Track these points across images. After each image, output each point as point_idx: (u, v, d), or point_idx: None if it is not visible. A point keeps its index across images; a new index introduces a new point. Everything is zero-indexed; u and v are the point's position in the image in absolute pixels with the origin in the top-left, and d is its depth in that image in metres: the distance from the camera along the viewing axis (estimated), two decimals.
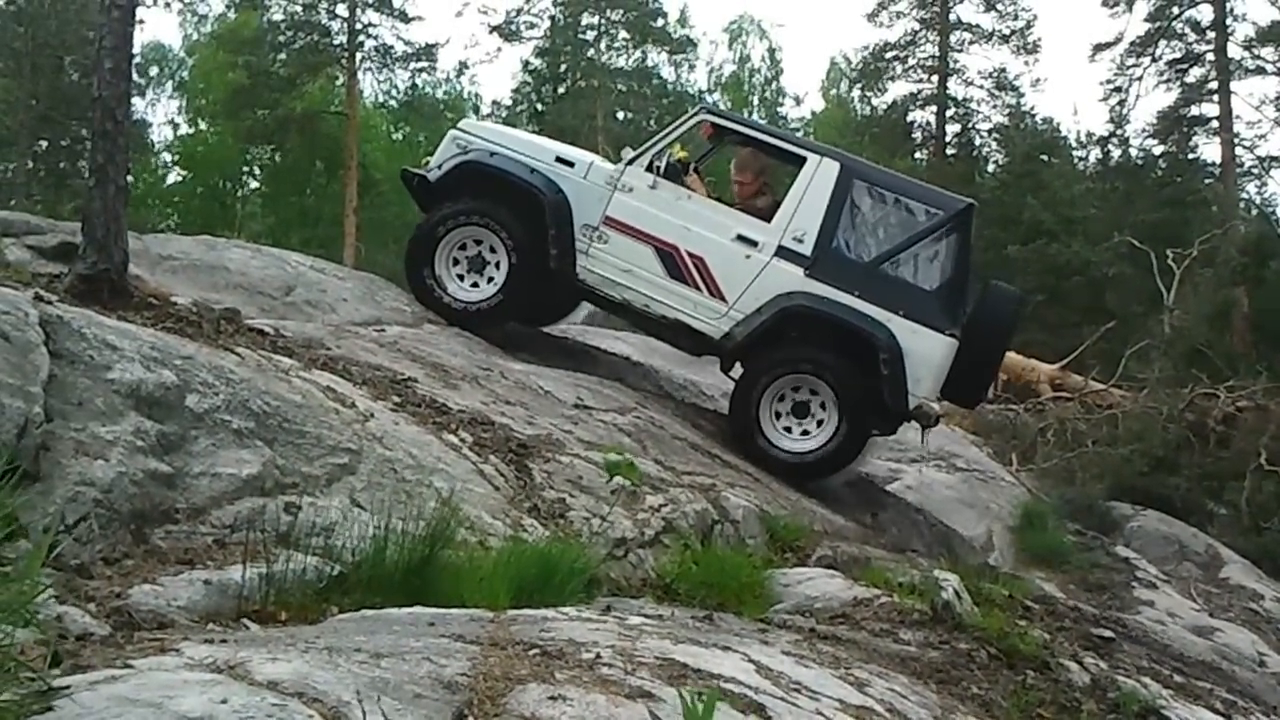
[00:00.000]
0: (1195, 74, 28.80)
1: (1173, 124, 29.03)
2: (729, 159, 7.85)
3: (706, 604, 4.02)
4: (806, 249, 6.57)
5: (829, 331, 6.52)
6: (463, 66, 39.95)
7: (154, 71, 38.64)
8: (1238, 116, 28.21)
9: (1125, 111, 29.46)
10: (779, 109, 40.44)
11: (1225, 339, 20.04)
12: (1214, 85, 28.32)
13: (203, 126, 36.65)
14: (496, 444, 4.64)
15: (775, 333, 6.57)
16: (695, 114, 7.29)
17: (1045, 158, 29.93)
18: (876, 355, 6.38)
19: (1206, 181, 28.68)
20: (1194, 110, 29.02)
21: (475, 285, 6.89)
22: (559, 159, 7.00)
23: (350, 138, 29.80)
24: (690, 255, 6.69)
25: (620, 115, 33.74)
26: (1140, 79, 28.97)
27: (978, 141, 32.34)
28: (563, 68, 34.66)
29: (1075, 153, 31.88)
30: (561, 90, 34.41)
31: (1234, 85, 28.12)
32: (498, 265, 6.84)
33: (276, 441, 3.70)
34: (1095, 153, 31.10)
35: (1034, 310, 17.81)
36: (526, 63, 34.71)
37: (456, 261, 6.89)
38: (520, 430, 4.95)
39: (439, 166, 7.06)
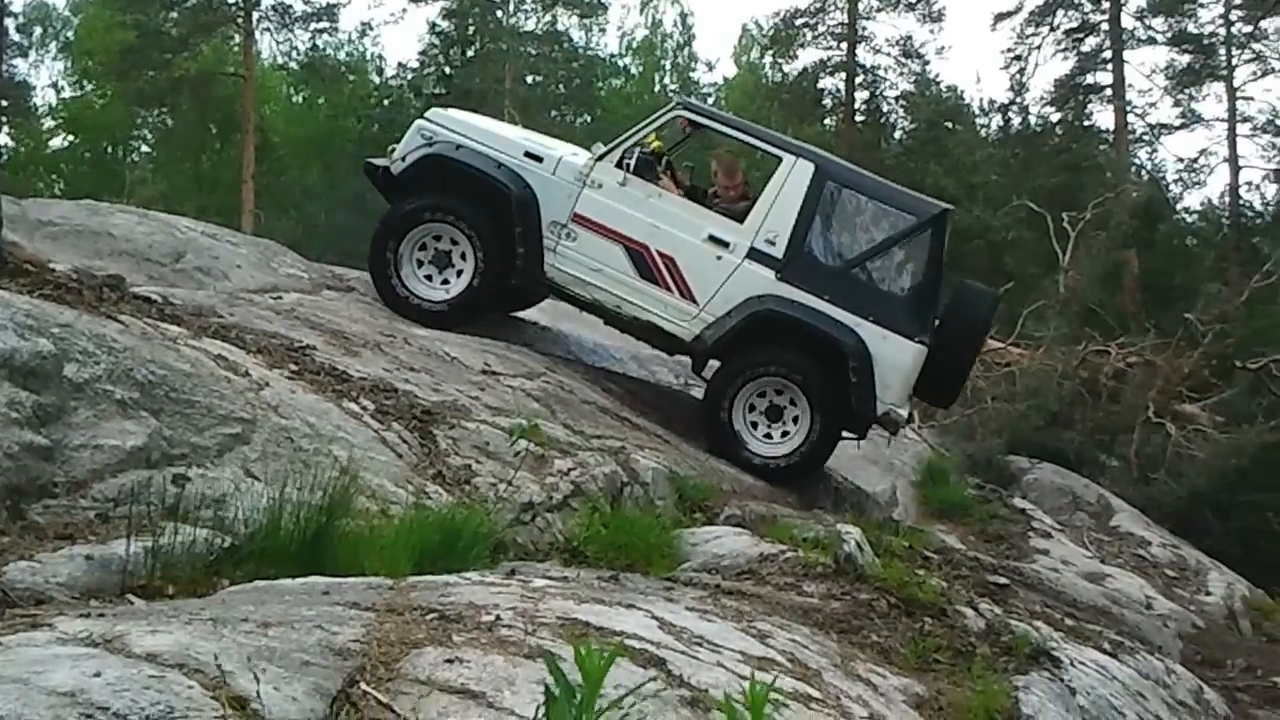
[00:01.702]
0: (1090, 43, 29.54)
1: (1069, 92, 29.74)
2: (703, 148, 7.70)
3: (615, 565, 4.02)
4: (778, 251, 6.47)
5: (799, 336, 6.46)
6: (366, 27, 38.85)
7: (37, 32, 36.88)
8: (1130, 85, 29.07)
9: (1025, 79, 30.10)
10: (691, 75, 40.34)
11: (1116, 298, 20.77)
12: (1108, 54, 29.11)
13: (89, 89, 35.13)
14: (400, 411, 4.56)
15: (746, 336, 6.49)
16: (670, 109, 7.06)
17: (949, 125, 30.45)
18: (845, 361, 6.34)
19: (1100, 147, 29.47)
20: (1089, 78, 29.77)
21: (440, 282, 6.69)
22: (527, 153, 6.79)
23: (247, 100, 28.84)
24: (660, 255, 6.55)
25: (530, 79, 33.32)
26: (1039, 48, 29.59)
27: (885, 108, 32.71)
28: (471, 30, 33.99)
29: (978, 120, 32.48)
30: (470, 53, 33.77)
31: (1127, 54, 28.97)
32: (463, 262, 6.65)
33: (163, 412, 3.58)
34: (996, 120, 31.71)
35: None
36: (433, 24, 33.96)
37: (423, 247, 6.67)
38: (425, 397, 4.87)
39: (403, 159, 6.83)
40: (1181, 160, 30.38)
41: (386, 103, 34.94)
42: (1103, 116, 30.06)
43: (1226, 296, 17.01)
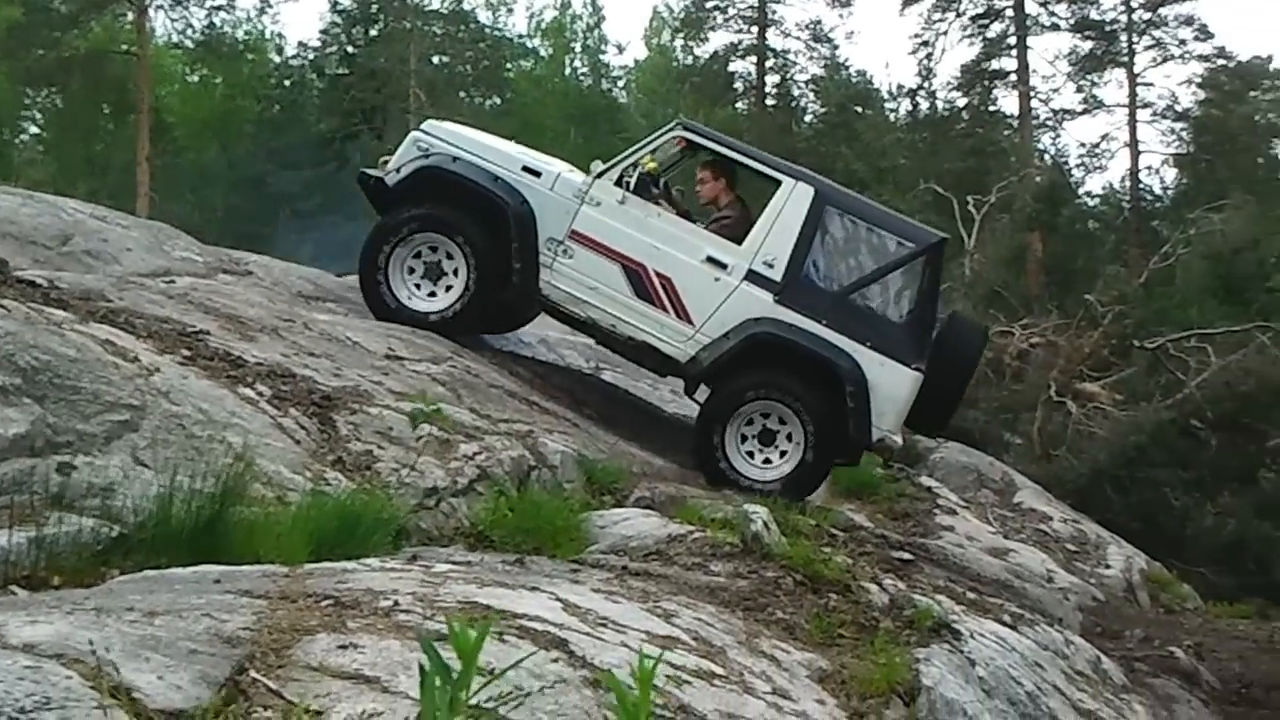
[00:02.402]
0: (996, 29, 30.19)
1: (975, 77, 30.38)
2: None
3: (521, 550, 3.99)
4: (777, 274, 6.41)
5: (796, 360, 6.40)
6: (265, 5, 37.77)
7: None
8: (1034, 71, 29.85)
9: (932, 65, 30.65)
10: (601, 57, 40.22)
11: (1020, 280, 21.32)
12: (1013, 40, 29.81)
13: None
14: (298, 397, 4.44)
15: (742, 359, 6.41)
16: (670, 128, 6.98)
17: (859, 109, 30.91)
18: (842, 386, 6.29)
19: (1005, 132, 30.20)
20: (994, 64, 30.45)
21: (432, 294, 6.56)
22: (525, 168, 6.69)
23: (141, 80, 27.92)
24: (658, 275, 6.47)
25: (436, 60, 32.84)
26: (945, 33, 30.16)
27: (796, 92, 33.05)
28: (374, 8, 33.37)
29: (887, 104, 33.01)
30: (373, 32, 33.17)
31: (1031, 41, 29.72)
32: (456, 275, 6.54)
33: (47, 398, 3.45)
34: (905, 104, 32.27)
35: None
36: (335, 2, 33.28)
37: (414, 263, 6.55)
38: (325, 382, 4.75)
39: (397, 170, 6.69)
40: (1083, 145, 31.46)
41: (287, 83, 34.21)
42: (1007, 102, 30.85)
43: (1126, 278, 17.59)
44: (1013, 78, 29.97)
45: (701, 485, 6.30)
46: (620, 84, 40.28)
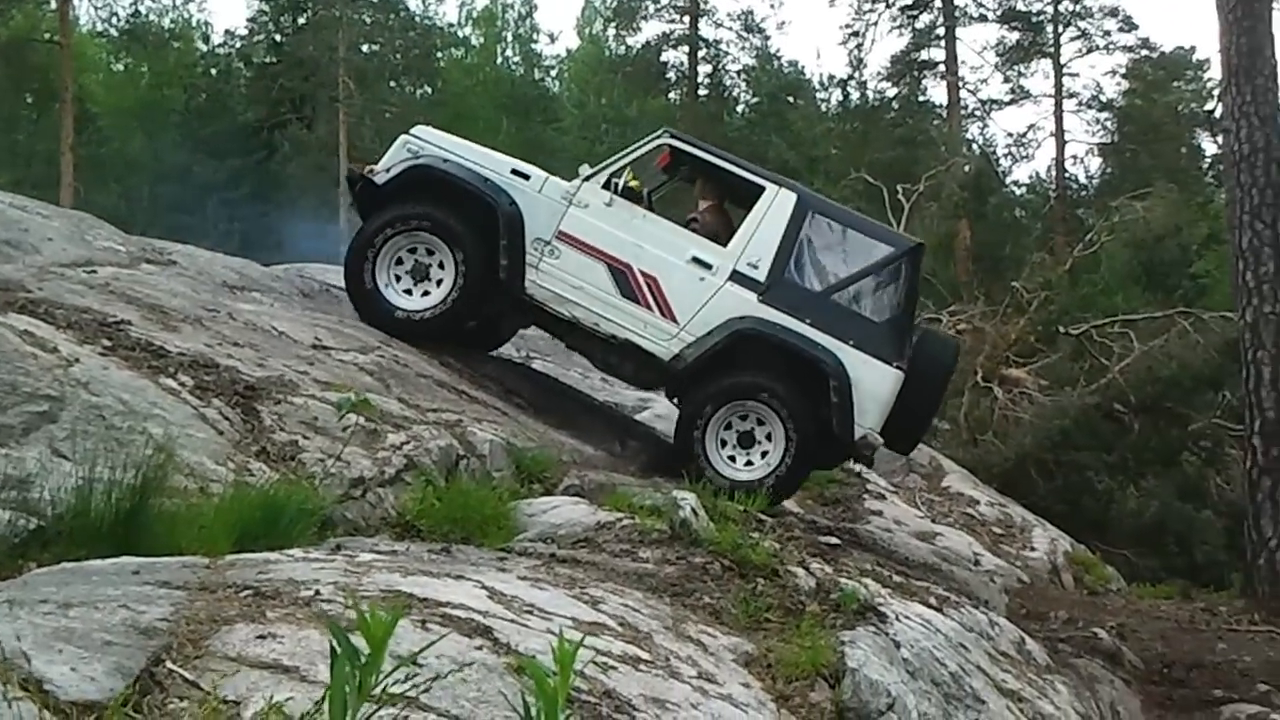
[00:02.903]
0: (925, 20, 30.62)
1: (904, 67, 30.79)
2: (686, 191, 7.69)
3: (449, 539, 3.98)
4: (760, 275, 6.52)
5: (779, 357, 6.47)
6: None
7: None
8: (962, 61, 30.35)
9: (862, 55, 31.00)
10: (533, 46, 40.00)
11: (949, 268, 21.69)
12: (941, 31, 30.25)
13: None
14: (221, 387, 4.38)
15: (726, 356, 6.47)
16: (657, 136, 7.07)
17: (790, 99, 31.17)
18: (826, 382, 6.36)
19: (934, 122, 30.64)
20: (923, 54, 30.88)
21: (421, 294, 6.57)
22: (514, 171, 6.77)
23: (64, 68, 27.23)
24: (643, 274, 6.54)
25: (365, 48, 32.39)
26: (875, 24, 30.52)
27: (728, 82, 33.20)
28: None
29: (818, 94, 33.31)
30: (301, 20, 32.62)
31: (959, 31, 30.23)
32: (442, 275, 6.56)
33: None
34: (836, 94, 32.59)
35: None
36: None
37: (410, 252, 6.56)
38: (249, 372, 4.69)
39: (387, 170, 6.71)
40: (1011, 135, 31.99)
41: (214, 71, 33.55)
42: (936, 92, 31.34)
43: (1051, 266, 17.96)
44: (941, 68, 30.43)
45: (631, 473, 6.31)
46: (552, 74, 40.15)
